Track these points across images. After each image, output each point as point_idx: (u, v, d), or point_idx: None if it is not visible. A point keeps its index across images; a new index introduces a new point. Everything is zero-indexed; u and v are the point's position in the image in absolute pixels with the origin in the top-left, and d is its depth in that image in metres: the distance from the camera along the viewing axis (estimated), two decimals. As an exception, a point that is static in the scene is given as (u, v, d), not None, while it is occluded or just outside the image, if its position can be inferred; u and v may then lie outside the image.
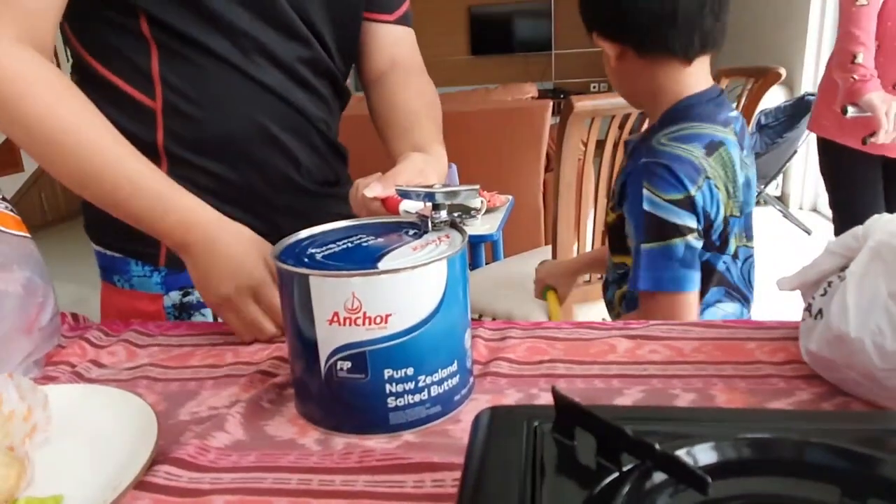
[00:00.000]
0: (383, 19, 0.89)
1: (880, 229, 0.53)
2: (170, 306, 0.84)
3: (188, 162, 0.78)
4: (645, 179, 0.84)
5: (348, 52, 0.87)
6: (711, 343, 0.63)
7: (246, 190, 0.81)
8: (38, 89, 0.64)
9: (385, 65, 0.90)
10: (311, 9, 0.79)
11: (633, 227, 0.88)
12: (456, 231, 0.56)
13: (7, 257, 0.64)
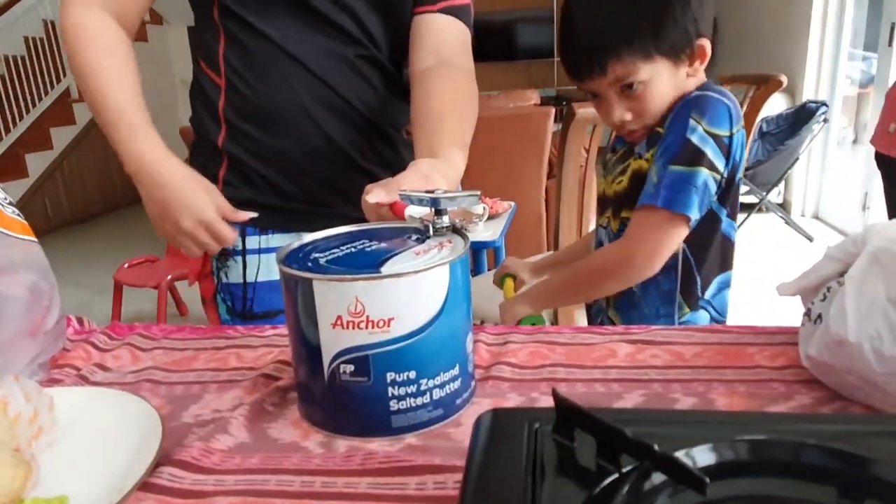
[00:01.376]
0: (426, 10, 0.89)
1: (879, 235, 0.53)
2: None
3: (240, 129, 0.90)
4: (694, 110, 0.85)
5: (397, 42, 0.91)
6: (712, 348, 0.63)
7: (284, 156, 0.91)
8: (94, 37, 0.82)
9: (429, 60, 0.89)
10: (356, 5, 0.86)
11: (663, 152, 0.86)
12: (458, 236, 0.57)
13: (13, 261, 0.65)
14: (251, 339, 0.71)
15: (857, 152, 4.07)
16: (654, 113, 0.88)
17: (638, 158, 0.92)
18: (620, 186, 0.94)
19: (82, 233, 5.03)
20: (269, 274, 0.96)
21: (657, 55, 0.84)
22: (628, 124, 0.89)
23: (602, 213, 1.01)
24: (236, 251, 0.95)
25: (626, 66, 0.84)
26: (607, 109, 0.89)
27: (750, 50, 4.69)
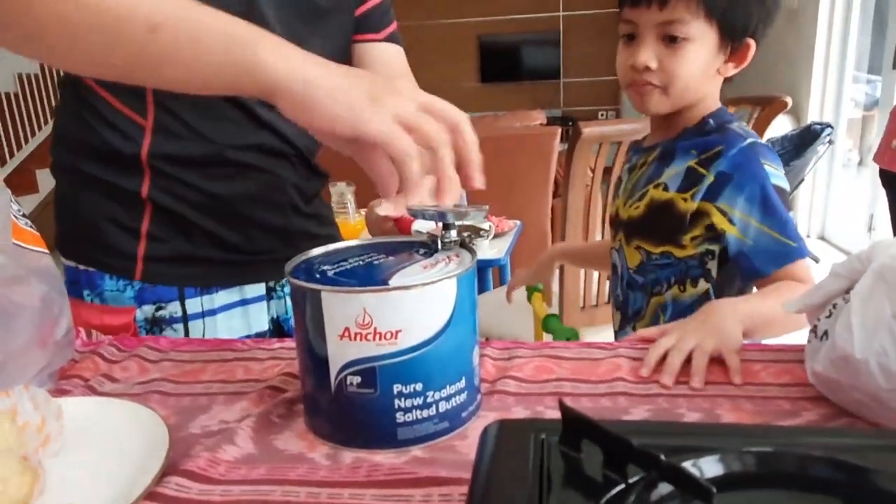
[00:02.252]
0: (372, 38, 0.91)
1: (884, 252, 0.54)
2: (142, 320, 0.84)
3: (170, 175, 0.81)
4: (760, 157, 0.84)
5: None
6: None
7: (224, 203, 0.83)
8: None
9: None
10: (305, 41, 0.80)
11: (760, 209, 0.82)
12: (465, 251, 0.57)
13: (26, 272, 0.66)
14: (258, 352, 0.71)
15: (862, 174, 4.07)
16: (679, 77, 0.85)
17: (657, 188, 0.91)
18: (636, 212, 0.94)
19: (90, 248, 5.06)
20: (214, 336, 0.86)
21: (715, 20, 0.84)
22: (649, 75, 0.86)
23: (615, 236, 1.00)
24: (174, 318, 0.85)
25: (686, 9, 0.82)
26: (637, 50, 0.86)
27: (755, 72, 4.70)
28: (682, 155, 0.90)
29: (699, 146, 0.88)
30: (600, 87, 6.77)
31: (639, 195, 0.93)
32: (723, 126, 0.89)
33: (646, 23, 0.85)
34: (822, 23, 3.74)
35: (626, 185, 0.98)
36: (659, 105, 0.89)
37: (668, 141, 0.93)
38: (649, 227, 0.89)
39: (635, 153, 1.00)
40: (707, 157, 0.87)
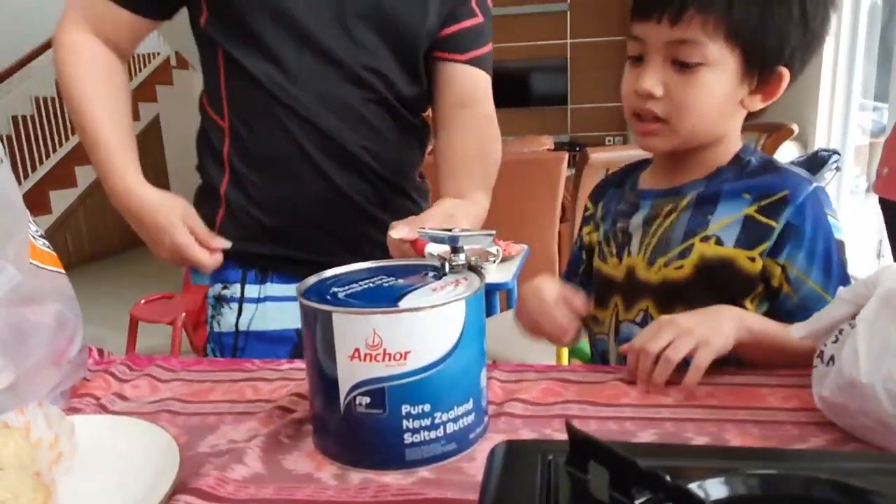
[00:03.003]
0: (453, 58, 0.92)
1: (889, 277, 0.54)
2: (211, 296, 0.96)
3: (243, 175, 0.90)
4: (825, 207, 0.74)
5: (411, 82, 0.91)
6: (724, 388, 0.63)
7: (285, 203, 0.90)
8: (78, 57, 0.87)
9: (456, 105, 0.92)
10: (371, 45, 0.86)
11: (818, 268, 0.72)
12: (474, 274, 0.58)
13: (42, 292, 0.67)
14: (267, 373, 0.72)
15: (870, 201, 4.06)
16: (690, 109, 0.71)
17: (707, 241, 0.74)
18: (680, 273, 0.75)
19: (100, 269, 5.10)
20: (263, 323, 0.93)
21: (739, 43, 0.69)
22: (652, 104, 0.72)
23: (631, 305, 0.79)
24: (234, 298, 0.93)
25: (702, 28, 0.68)
26: (639, 75, 0.72)
27: (762, 99, 4.75)
28: (730, 200, 0.74)
29: (754, 190, 0.73)
30: (607, 113, 6.82)
31: (678, 251, 0.75)
32: (773, 165, 0.76)
33: (655, 41, 0.71)
34: (828, 50, 3.77)
35: (646, 238, 0.78)
36: (664, 143, 0.74)
37: (704, 182, 0.76)
38: (703, 290, 0.72)
39: (646, 198, 0.80)
40: (769, 203, 0.72)
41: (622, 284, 0.80)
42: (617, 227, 0.82)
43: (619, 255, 0.81)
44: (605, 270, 0.83)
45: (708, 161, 0.77)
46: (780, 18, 0.69)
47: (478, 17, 0.95)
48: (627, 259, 0.79)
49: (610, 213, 0.85)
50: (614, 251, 0.81)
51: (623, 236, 0.81)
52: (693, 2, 0.68)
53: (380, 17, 0.85)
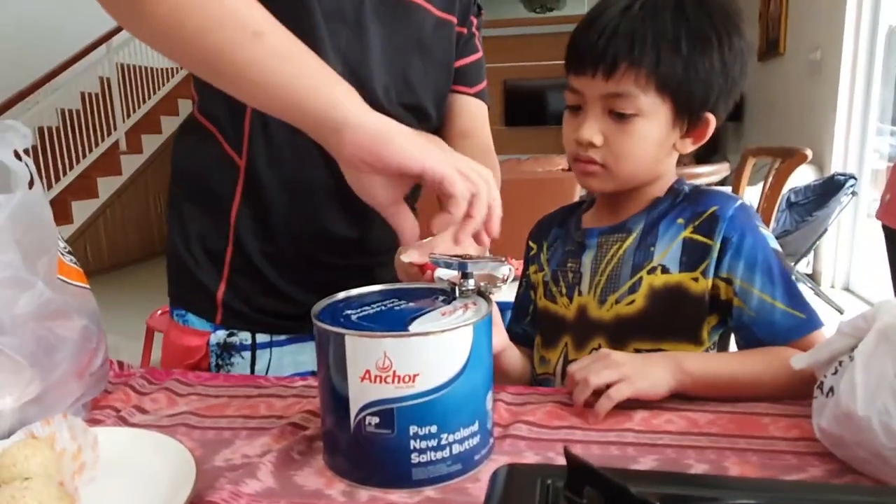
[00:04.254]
0: (465, 91, 0.97)
1: (888, 312, 0.55)
2: (214, 344, 0.89)
3: (258, 208, 0.86)
4: (755, 219, 0.77)
5: (441, 116, 0.95)
6: (727, 416, 0.65)
7: (306, 230, 0.88)
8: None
9: (458, 133, 0.96)
10: (415, 83, 0.88)
11: (762, 276, 0.74)
12: (483, 299, 0.60)
13: (69, 306, 0.70)
14: (281, 390, 0.74)
15: (888, 225, 4.03)
16: (627, 157, 0.76)
17: (653, 272, 0.77)
18: (631, 308, 0.77)
19: (119, 278, 5.18)
20: (279, 369, 0.91)
21: (668, 94, 0.74)
22: (593, 151, 0.76)
23: (582, 344, 0.80)
24: (244, 346, 0.90)
25: (634, 81, 0.73)
26: (580, 124, 0.76)
27: (778, 122, 4.75)
28: (668, 228, 0.78)
29: (686, 214, 0.78)
30: (623, 133, 6.85)
31: (628, 287, 0.78)
32: (700, 189, 0.81)
33: (592, 94, 0.75)
34: (844, 74, 3.77)
35: (595, 277, 0.81)
36: (603, 184, 0.78)
37: (644, 215, 0.80)
38: (656, 322, 0.75)
39: (592, 236, 0.83)
40: (701, 223, 0.76)
41: (573, 324, 0.82)
42: (567, 267, 0.84)
43: (569, 294, 0.83)
44: (552, 310, 0.85)
45: (646, 196, 0.82)
46: (703, 71, 0.74)
47: (479, 52, 0.99)
48: (578, 298, 0.82)
49: (557, 254, 0.87)
50: (564, 291, 0.84)
51: (573, 276, 0.83)
52: (624, 58, 0.73)
53: (425, 57, 0.88)
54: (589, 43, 0.75)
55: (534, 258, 0.92)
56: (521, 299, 0.94)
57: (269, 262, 0.89)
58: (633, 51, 0.72)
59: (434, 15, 0.89)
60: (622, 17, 0.74)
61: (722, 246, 0.75)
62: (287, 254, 0.89)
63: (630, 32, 0.73)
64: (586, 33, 0.76)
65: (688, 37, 0.73)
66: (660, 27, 0.73)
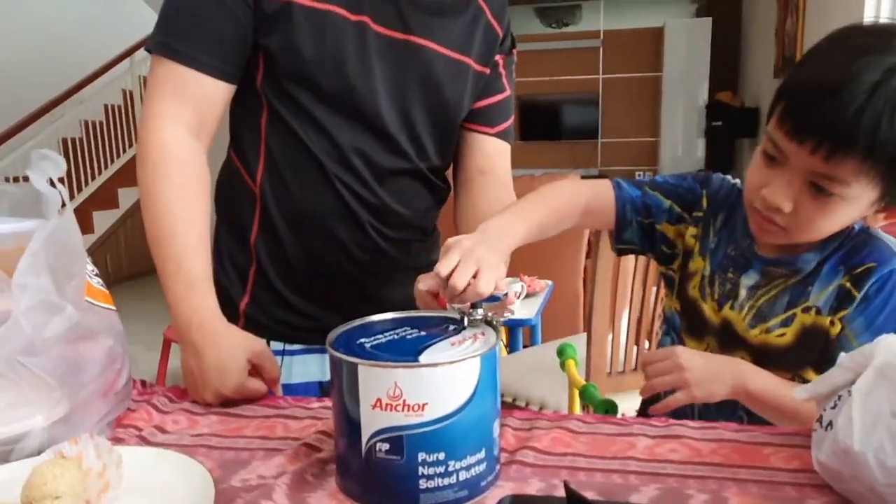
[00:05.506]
0: (485, 131, 1.00)
1: (886, 350, 0.57)
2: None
3: (276, 232, 0.93)
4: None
5: (446, 153, 0.98)
6: (729, 445, 0.66)
7: (319, 257, 0.93)
8: (171, 169, 0.83)
9: (477, 171, 1.00)
10: (416, 121, 0.91)
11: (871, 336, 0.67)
12: (491, 329, 0.62)
13: (96, 328, 0.73)
14: (297, 410, 0.77)
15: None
16: (811, 232, 0.74)
17: (808, 312, 0.77)
18: (781, 340, 0.78)
19: (138, 288, 5.24)
20: (288, 377, 0.96)
21: (881, 184, 0.69)
22: (776, 215, 0.73)
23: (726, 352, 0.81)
24: None
25: (853, 170, 0.67)
26: (771, 181, 0.72)
27: None
28: (828, 272, 0.77)
29: (848, 261, 0.76)
30: (638, 148, 6.83)
31: (780, 320, 0.78)
32: (868, 234, 0.78)
33: (799, 164, 0.69)
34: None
35: (750, 301, 0.81)
36: (777, 240, 0.77)
37: (813, 257, 0.78)
38: (800, 358, 0.74)
39: (759, 261, 0.81)
40: (857, 274, 0.75)
41: (717, 331, 0.83)
42: (727, 277, 0.83)
43: (720, 303, 0.83)
44: (700, 307, 0.85)
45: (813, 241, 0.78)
46: None
47: (507, 91, 1.01)
48: (728, 312, 0.82)
49: (720, 252, 0.85)
50: (716, 296, 0.83)
51: (730, 289, 0.82)
52: (857, 144, 0.65)
53: (430, 95, 0.91)
54: (819, 114, 0.66)
55: (702, 223, 0.87)
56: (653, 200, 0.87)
57: (285, 282, 0.96)
58: (874, 143, 0.65)
59: (444, 55, 0.91)
60: (869, 99, 0.64)
61: (862, 299, 0.74)
62: (301, 275, 0.95)
63: (875, 122, 0.64)
64: (819, 102, 0.67)
65: None
66: None
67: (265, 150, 0.92)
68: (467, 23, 0.93)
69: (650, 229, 0.88)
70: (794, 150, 0.69)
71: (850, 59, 0.66)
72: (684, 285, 0.88)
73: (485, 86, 0.98)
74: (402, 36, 0.88)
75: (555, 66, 6.74)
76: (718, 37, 6.21)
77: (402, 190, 0.94)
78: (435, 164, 0.97)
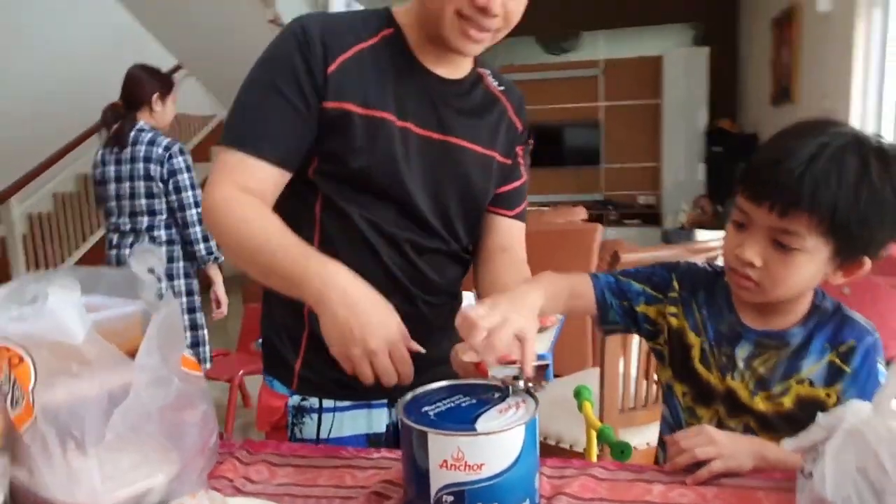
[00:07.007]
0: (504, 213, 1.14)
1: (853, 415, 0.70)
2: (291, 406, 1.08)
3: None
4: (878, 356, 0.89)
5: (473, 233, 1.12)
6: (729, 489, 0.79)
7: None
8: (240, 209, 0.94)
9: (497, 248, 1.13)
10: (450, 209, 1.05)
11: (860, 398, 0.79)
12: (531, 398, 0.76)
13: (193, 394, 0.86)
14: (360, 461, 0.90)
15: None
16: (781, 285, 0.86)
17: (802, 384, 0.90)
18: (780, 408, 0.91)
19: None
20: (340, 430, 1.07)
21: (832, 239, 0.82)
22: (750, 270, 0.86)
23: (733, 416, 0.93)
24: (313, 409, 1.07)
25: (807, 224, 0.81)
26: (742, 241, 0.86)
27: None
28: (816, 348, 0.90)
29: (831, 339, 0.90)
30: (640, 173, 7.00)
31: (778, 391, 0.91)
32: (841, 311, 0.92)
33: (761, 221, 0.84)
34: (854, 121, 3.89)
35: (748, 370, 0.93)
36: (755, 297, 0.90)
37: (799, 331, 0.91)
38: (802, 425, 0.76)
39: (750, 334, 0.93)
40: (843, 351, 0.89)
41: (723, 397, 0.94)
42: (721, 350, 0.94)
43: (721, 374, 0.94)
44: (705, 376, 0.96)
45: (795, 309, 0.92)
46: (873, 226, 0.82)
47: (524, 178, 1.16)
48: (730, 381, 0.93)
49: (710, 327, 0.96)
50: (717, 367, 0.95)
51: (727, 361, 0.94)
52: (802, 201, 0.80)
53: (462, 186, 1.05)
54: (771, 180, 0.82)
55: (676, 300, 0.99)
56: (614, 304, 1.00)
57: None
58: (814, 200, 0.80)
59: (475, 152, 1.05)
60: (808, 166, 0.80)
61: (852, 373, 0.88)
62: None
63: (814, 183, 0.80)
64: (770, 171, 0.83)
65: (868, 197, 0.80)
66: (844, 181, 0.80)
67: (320, 230, 1.04)
68: (494, 121, 1.08)
69: (631, 311, 1.01)
70: (756, 211, 0.85)
71: (794, 140, 0.84)
72: (686, 359, 0.98)
73: (506, 174, 1.12)
74: (440, 137, 1.02)
75: (557, 94, 6.94)
76: (716, 66, 6.40)
77: (439, 263, 1.08)
78: (464, 243, 1.11)
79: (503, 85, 1.12)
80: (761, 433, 0.91)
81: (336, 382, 1.06)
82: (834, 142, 0.82)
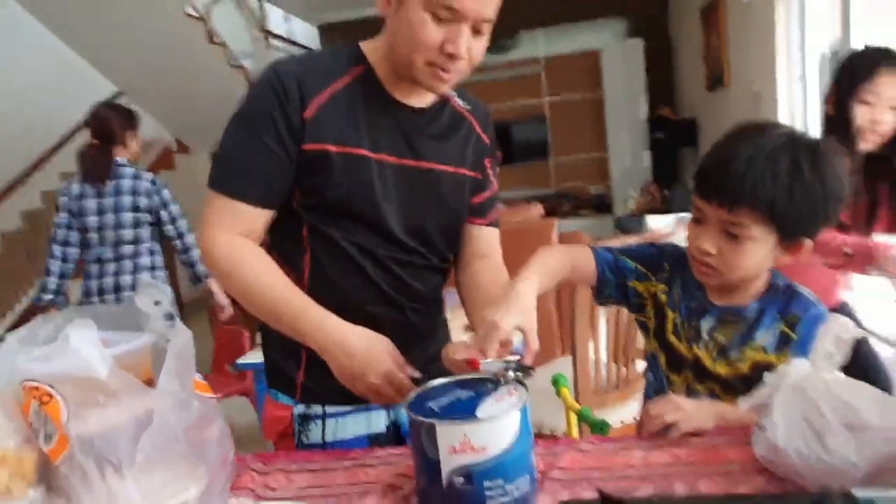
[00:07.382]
0: (479, 223, 1.23)
1: (795, 372, 0.82)
2: (296, 415, 1.17)
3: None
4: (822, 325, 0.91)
5: (453, 245, 1.22)
6: (698, 450, 0.91)
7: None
8: (244, 260, 1.06)
9: (475, 255, 1.23)
10: (427, 228, 1.14)
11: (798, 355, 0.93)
12: (521, 386, 0.86)
13: (208, 415, 0.93)
14: (370, 459, 0.98)
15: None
16: (735, 269, 0.99)
17: (756, 350, 1.02)
18: (737, 371, 1.03)
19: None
20: (343, 433, 1.16)
21: (774, 226, 0.95)
22: (708, 258, 0.99)
23: (701, 382, 1.06)
24: (317, 415, 1.16)
25: (750, 216, 0.94)
26: (699, 234, 1.00)
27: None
28: (768, 320, 1.03)
29: (781, 311, 1.03)
30: (588, 164, 7.22)
31: (735, 358, 1.04)
32: (792, 290, 1.05)
33: (713, 216, 0.98)
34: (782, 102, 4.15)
35: (710, 342, 1.05)
36: (713, 280, 1.03)
37: (756, 307, 1.04)
38: (753, 386, 0.87)
39: (713, 310, 1.06)
40: (791, 321, 1.02)
41: (691, 364, 1.07)
42: (691, 324, 1.08)
43: (689, 344, 1.07)
44: (676, 346, 1.09)
45: (753, 288, 1.05)
46: (807, 214, 0.96)
47: (494, 187, 1.25)
48: (696, 350, 1.07)
49: (682, 304, 1.09)
50: (685, 338, 1.08)
51: (693, 333, 1.07)
52: (745, 198, 0.94)
53: (438, 206, 1.14)
54: (717, 181, 0.96)
55: (662, 277, 1.11)
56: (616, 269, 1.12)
57: None
58: (755, 197, 0.93)
59: (448, 173, 1.15)
60: (748, 166, 0.93)
61: (798, 340, 1.01)
62: None
63: (753, 182, 0.93)
64: (716, 172, 0.97)
65: (801, 192, 0.93)
66: (778, 180, 0.93)
67: (310, 251, 1.12)
68: (462, 139, 1.17)
69: (623, 286, 1.13)
70: (708, 207, 0.99)
71: (738, 142, 0.98)
72: (663, 331, 1.12)
73: (477, 186, 1.21)
74: (414, 163, 1.11)
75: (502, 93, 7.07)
76: (651, 56, 6.65)
77: (421, 274, 1.17)
78: (446, 255, 1.21)
79: (469, 104, 1.22)
80: (724, 396, 1.04)
81: (337, 391, 1.14)
82: (769, 143, 0.95)
